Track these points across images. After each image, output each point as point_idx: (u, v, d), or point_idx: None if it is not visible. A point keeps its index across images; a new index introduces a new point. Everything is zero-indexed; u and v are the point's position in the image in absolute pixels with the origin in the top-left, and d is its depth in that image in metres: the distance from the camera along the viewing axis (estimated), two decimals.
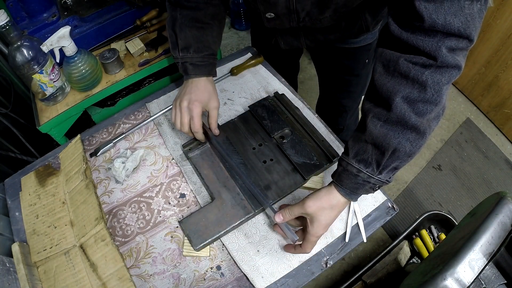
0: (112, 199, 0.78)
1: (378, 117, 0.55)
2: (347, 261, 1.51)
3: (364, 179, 0.57)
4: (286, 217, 0.65)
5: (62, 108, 1.01)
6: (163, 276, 0.68)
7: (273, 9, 0.77)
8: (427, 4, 0.48)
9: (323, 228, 0.62)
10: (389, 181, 0.59)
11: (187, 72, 0.79)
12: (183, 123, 0.77)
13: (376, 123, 0.55)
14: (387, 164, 0.56)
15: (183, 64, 0.79)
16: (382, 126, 0.55)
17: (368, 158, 0.57)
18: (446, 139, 1.87)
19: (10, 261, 0.67)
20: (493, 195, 0.79)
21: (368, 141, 0.57)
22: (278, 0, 0.73)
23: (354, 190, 0.59)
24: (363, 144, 0.58)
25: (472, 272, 0.66)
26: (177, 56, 0.80)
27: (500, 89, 1.80)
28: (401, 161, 0.56)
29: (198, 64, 0.79)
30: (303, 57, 2.20)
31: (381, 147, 0.55)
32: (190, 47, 0.78)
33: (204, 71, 0.80)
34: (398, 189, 1.71)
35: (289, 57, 1.18)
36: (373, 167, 0.57)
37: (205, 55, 0.79)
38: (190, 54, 0.78)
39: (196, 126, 0.76)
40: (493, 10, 1.64)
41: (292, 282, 0.67)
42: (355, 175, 0.58)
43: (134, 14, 1.17)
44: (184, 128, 0.78)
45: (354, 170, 0.58)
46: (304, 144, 0.80)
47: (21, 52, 0.88)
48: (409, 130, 0.53)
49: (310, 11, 0.75)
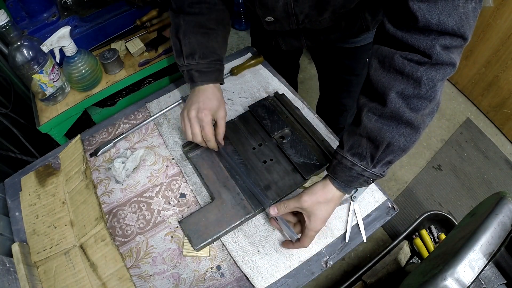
0: (112, 199, 0.78)
1: (373, 111, 0.56)
2: (347, 261, 1.51)
3: (359, 172, 0.58)
4: (281, 211, 0.65)
5: (62, 108, 1.01)
6: (163, 276, 0.68)
7: (272, 14, 0.76)
8: (421, 4, 0.49)
9: (321, 222, 0.62)
10: (383, 174, 0.59)
11: (193, 79, 0.77)
12: (194, 133, 0.74)
13: (371, 118, 0.56)
14: (381, 158, 0.57)
15: (189, 72, 0.77)
16: (377, 120, 0.56)
17: (363, 152, 0.58)
18: (446, 139, 1.87)
19: (10, 261, 0.67)
20: (493, 195, 0.79)
21: (363, 135, 0.58)
22: (276, 5, 0.72)
23: (348, 183, 0.60)
24: (358, 137, 0.58)
25: (472, 272, 0.66)
26: (182, 64, 0.77)
27: (500, 89, 1.80)
28: (395, 155, 0.57)
29: (204, 71, 0.76)
30: (303, 57, 2.20)
31: (376, 141, 0.56)
32: (195, 54, 0.75)
33: (211, 78, 0.77)
34: (398, 189, 1.71)
35: (289, 57, 1.18)
36: (367, 160, 0.58)
37: (211, 61, 0.77)
38: (195, 60, 0.76)
39: (208, 134, 0.74)
40: (493, 10, 1.64)
41: (292, 282, 0.67)
42: (349, 168, 0.59)
43: (134, 14, 1.17)
44: (197, 138, 0.75)
45: (349, 164, 0.59)
46: (304, 144, 0.80)
47: (21, 52, 0.88)
48: (403, 125, 0.54)
49: (309, 13, 0.75)
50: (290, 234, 0.67)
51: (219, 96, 0.77)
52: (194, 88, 0.78)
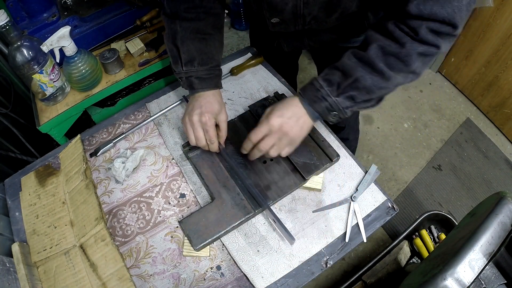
0: (112, 199, 0.78)
1: (354, 54, 0.64)
2: (347, 261, 1.51)
3: (323, 95, 0.66)
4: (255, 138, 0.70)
5: (62, 108, 1.01)
6: (163, 276, 0.68)
7: (279, 15, 0.76)
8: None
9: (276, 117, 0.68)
10: (345, 113, 0.67)
11: (193, 86, 0.76)
12: (198, 138, 0.74)
13: (351, 58, 0.64)
14: (346, 89, 0.64)
15: (188, 79, 0.76)
16: (355, 62, 0.63)
17: (332, 79, 0.65)
18: (446, 139, 1.87)
19: (10, 261, 0.67)
20: (493, 195, 0.79)
21: (339, 68, 0.66)
22: (285, 7, 0.72)
23: (312, 103, 0.67)
24: (334, 69, 0.66)
25: (472, 272, 0.66)
26: (180, 71, 0.77)
27: (500, 89, 1.80)
28: (359, 93, 0.64)
29: (204, 77, 0.76)
30: (303, 57, 2.20)
31: (347, 74, 0.64)
32: (194, 60, 0.75)
33: (211, 84, 0.77)
34: (398, 189, 1.71)
35: (288, 57, 1.18)
36: (334, 87, 0.65)
37: (211, 67, 0.77)
38: (195, 67, 0.75)
39: (212, 137, 0.74)
40: (493, 10, 1.64)
41: (292, 282, 0.67)
42: (317, 90, 0.66)
43: (134, 14, 1.17)
44: (201, 142, 0.75)
45: (318, 85, 0.66)
46: (304, 144, 0.80)
47: (21, 52, 0.88)
48: (375, 72, 0.62)
49: (317, 15, 0.75)
50: (287, 235, 0.67)
51: (219, 99, 0.78)
52: (193, 95, 0.78)
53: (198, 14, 0.76)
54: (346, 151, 0.83)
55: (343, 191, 0.77)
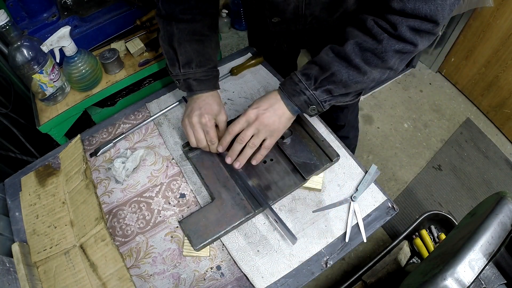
0: (112, 199, 0.78)
1: (332, 49, 0.65)
2: (347, 261, 1.51)
3: (301, 89, 0.67)
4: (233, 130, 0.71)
5: (62, 108, 1.01)
6: (163, 276, 0.68)
7: (281, 15, 0.76)
8: None
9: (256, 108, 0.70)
10: (323, 106, 0.68)
11: (192, 88, 0.76)
12: (199, 139, 0.74)
13: (329, 53, 0.65)
14: (323, 83, 0.65)
15: (186, 81, 0.76)
16: (332, 57, 0.64)
17: (310, 74, 0.67)
18: (446, 139, 1.87)
19: (10, 261, 0.67)
20: (493, 195, 0.79)
21: (317, 62, 0.67)
22: (287, 7, 0.72)
23: (291, 96, 0.68)
24: (312, 64, 0.68)
25: (472, 272, 0.66)
26: (177, 73, 0.77)
27: (500, 89, 1.80)
28: (336, 87, 0.65)
29: (203, 79, 0.76)
30: (303, 57, 2.20)
31: (324, 68, 0.65)
32: (192, 62, 0.75)
33: (209, 86, 0.77)
34: (398, 189, 1.71)
35: (287, 57, 1.18)
36: (311, 81, 0.66)
37: (208, 68, 0.77)
38: (192, 69, 0.76)
39: (213, 138, 0.74)
40: (493, 10, 1.64)
41: (292, 282, 0.67)
42: (295, 83, 0.68)
43: (134, 14, 1.17)
44: (202, 143, 0.75)
45: (296, 80, 0.68)
46: (304, 144, 0.80)
47: (21, 52, 0.88)
48: (351, 67, 0.63)
49: (319, 15, 0.75)
50: (289, 235, 0.67)
51: (218, 100, 0.78)
52: (191, 97, 0.78)
53: (194, 15, 0.76)
54: (346, 151, 0.83)
55: (343, 191, 0.77)
